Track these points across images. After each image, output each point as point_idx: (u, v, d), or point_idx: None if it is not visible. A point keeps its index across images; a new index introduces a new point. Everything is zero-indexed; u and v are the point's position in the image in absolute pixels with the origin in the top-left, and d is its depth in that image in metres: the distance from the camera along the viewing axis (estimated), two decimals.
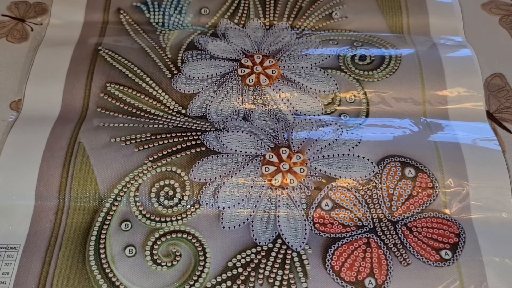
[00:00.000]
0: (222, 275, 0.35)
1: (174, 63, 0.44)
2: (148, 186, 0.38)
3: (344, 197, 0.38)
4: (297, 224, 0.37)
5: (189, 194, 0.37)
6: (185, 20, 0.48)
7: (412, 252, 0.36)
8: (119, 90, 0.43)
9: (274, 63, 0.44)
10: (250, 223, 0.37)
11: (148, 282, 0.35)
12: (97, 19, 0.48)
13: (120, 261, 0.35)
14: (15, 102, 0.43)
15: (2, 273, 0.34)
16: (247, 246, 0.36)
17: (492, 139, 0.41)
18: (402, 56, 0.44)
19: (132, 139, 0.39)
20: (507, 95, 0.44)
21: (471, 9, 0.49)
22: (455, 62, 0.44)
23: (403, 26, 0.48)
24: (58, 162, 0.38)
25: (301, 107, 0.42)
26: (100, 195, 0.37)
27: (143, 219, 0.37)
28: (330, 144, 0.39)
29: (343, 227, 0.37)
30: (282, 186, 0.38)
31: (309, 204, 0.37)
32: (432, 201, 0.38)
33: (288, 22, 0.48)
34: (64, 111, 0.42)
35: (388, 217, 0.37)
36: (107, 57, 0.44)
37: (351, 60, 0.44)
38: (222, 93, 0.43)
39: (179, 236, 0.36)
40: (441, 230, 0.37)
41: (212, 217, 0.37)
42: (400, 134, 0.41)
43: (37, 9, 0.49)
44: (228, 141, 0.39)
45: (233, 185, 0.37)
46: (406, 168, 0.38)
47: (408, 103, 0.43)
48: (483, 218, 0.37)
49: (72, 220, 0.37)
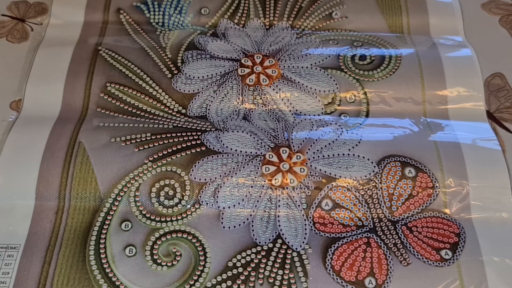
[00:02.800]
0: (222, 275, 0.35)
1: (174, 63, 0.44)
2: (148, 186, 0.38)
3: (344, 197, 0.38)
4: (297, 224, 0.37)
5: (189, 194, 0.37)
6: (185, 20, 0.48)
7: (412, 252, 0.36)
8: (119, 90, 0.43)
9: (274, 63, 0.44)
10: (250, 223, 0.37)
11: (148, 282, 0.35)
12: (97, 19, 0.48)
13: (120, 261, 0.35)
14: (15, 102, 0.43)
15: (2, 273, 0.34)
16: (247, 246, 0.36)
17: (492, 139, 0.41)
18: (402, 56, 0.44)
19: (132, 139, 0.39)
20: (507, 94, 0.44)
21: (471, 9, 0.49)
22: (455, 62, 0.45)
23: (403, 26, 0.48)
24: (58, 162, 0.38)
25: (301, 107, 0.42)
26: (100, 195, 0.37)
27: (143, 219, 0.37)
28: (330, 144, 0.39)
29: (343, 227, 0.37)
30: (282, 186, 0.38)
31: (309, 204, 0.37)
32: (432, 201, 0.38)
33: (288, 22, 0.48)
34: (64, 111, 0.42)
35: (388, 217, 0.37)
36: (107, 57, 0.44)
37: (351, 60, 0.44)
38: (222, 93, 0.43)
39: (179, 236, 0.36)
40: (441, 230, 0.37)
41: (212, 217, 0.37)
42: (400, 134, 0.41)
43: (37, 9, 0.49)
44: (228, 141, 0.39)
45: (233, 185, 0.37)
46: (406, 168, 0.38)
47: (408, 103, 0.43)
48: (483, 218, 0.37)
49: (72, 220, 0.37)
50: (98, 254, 0.35)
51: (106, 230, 0.36)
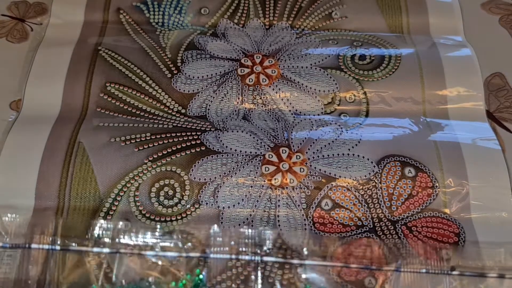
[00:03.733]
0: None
1: (174, 63, 0.44)
2: (148, 186, 0.38)
3: (344, 196, 0.38)
4: (297, 224, 0.37)
5: (189, 194, 0.37)
6: (185, 20, 0.48)
7: (412, 252, 0.36)
8: (119, 90, 0.43)
9: (274, 62, 0.44)
10: (250, 223, 0.37)
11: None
12: (97, 19, 0.48)
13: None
14: (15, 102, 0.43)
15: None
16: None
17: (492, 138, 0.41)
18: (402, 56, 0.44)
19: (132, 139, 0.39)
20: (507, 94, 0.44)
21: (471, 8, 0.49)
22: (455, 62, 0.44)
23: (403, 25, 0.48)
24: (58, 162, 0.38)
25: (301, 106, 0.42)
26: (100, 195, 0.37)
27: (143, 218, 0.37)
28: (330, 144, 0.39)
29: (343, 226, 0.37)
30: (282, 185, 0.38)
31: (309, 203, 0.37)
32: (432, 201, 0.38)
33: (288, 22, 0.48)
34: (64, 111, 0.42)
35: (388, 216, 0.37)
36: (107, 57, 0.44)
37: (351, 59, 0.44)
38: (222, 93, 0.43)
39: None
40: (441, 229, 0.37)
41: (212, 216, 0.37)
42: (400, 133, 0.41)
43: (37, 9, 0.49)
44: (228, 141, 0.39)
45: (233, 185, 0.37)
46: (406, 167, 0.38)
47: (408, 103, 0.43)
48: (483, 217, 0.37)
49: (72, 220, 0.37)
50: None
51: None
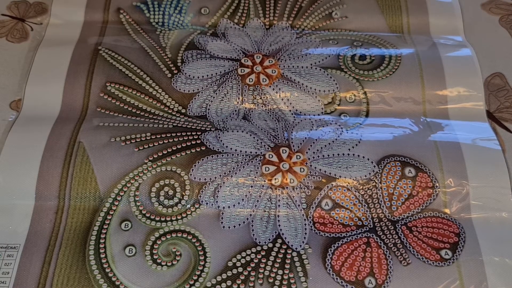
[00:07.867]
0: (222, 275, 0.35)
1: (174, 62, 0.44)
2: (148, 186, 0.38)
3: (344, 196, 0.38)
4: (297, 224, 0.37)
5: (189, 194, 0.37)
6: (185, 19, 0.48)
7: (412, 252, 0.36)
8: (119, 90, 0.43)
9: (274, 62, 0.44)
10: (250, 223, 0.37)
11: (148, 281, 0.35)
12: (97, 19, 0.48)
13: (120, 261, 0.35)
14: (15, 101, 0.43)
15: (2, 272, 0.34)
16: (247, 245, 0.36)
17: (492, 138, 0.41)
18: (402, 56, 0.44)
19: (132, 139, 0.39)
20: (507, 94, 0.44)
21: (471, 8, 0.49)
22: (455, 62, 0.44)
23: (403, 25, 0.48)
24: (58, 162, 0.38)
25: (301, 106, 0.42)
26: (100, 194, 0.37)
27: (143, 218, 0.37)
28: (330, 144, 0.39)
29: (343, 226, 0.37)
30: (282, 185, 0.38)
31: (309, 203, 0.37)
32: (432, 201, 0.38)
33: (288, 22, 0.48)
34: (64, 111, 0.42)
35: (388, 216, 0.37)
36: (107, 56, 0.44)
37: (351, 59, 0.44)
38: (222, 93, 0.43)
39: (179, 235, 0.36)
40: (441, 229, 0.37)
41: (212, 216, 0.37)
42: (400, 133, 0.41)
43: (37, 9, 0.49)
44: (228, 141, 0.39)
45: (233, 185, 0.37)
46: (406, 167, 0.38)
47: (408, 103, 0.43)
48: (483, 217, 0.37)
49: (72, 219, 0.37)
50: (98, 254, 0.35)
51: (106, 230, 0.36)
